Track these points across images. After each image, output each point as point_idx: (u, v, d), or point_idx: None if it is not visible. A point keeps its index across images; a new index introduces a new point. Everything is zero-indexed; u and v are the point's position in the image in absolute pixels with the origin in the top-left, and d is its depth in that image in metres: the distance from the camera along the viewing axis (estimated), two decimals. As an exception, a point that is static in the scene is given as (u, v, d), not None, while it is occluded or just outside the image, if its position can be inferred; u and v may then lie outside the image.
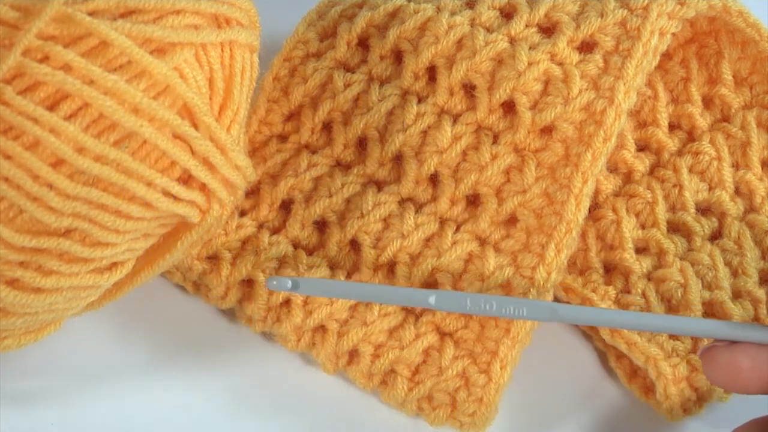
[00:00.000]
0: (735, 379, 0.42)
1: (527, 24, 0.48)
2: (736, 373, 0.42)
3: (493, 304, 0.44)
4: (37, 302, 0.42)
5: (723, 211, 0.50)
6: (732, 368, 0.42)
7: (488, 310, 0.44)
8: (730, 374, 0.42)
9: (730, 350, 0.42)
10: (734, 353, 0.42)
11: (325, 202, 0.49)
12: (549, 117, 0.47)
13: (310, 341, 0.48)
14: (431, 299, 0.44)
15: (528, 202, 0.48)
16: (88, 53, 0.40)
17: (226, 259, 0.49)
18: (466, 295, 0.44)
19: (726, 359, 0.42)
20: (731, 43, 0.52)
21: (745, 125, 0.52)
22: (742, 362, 0.42)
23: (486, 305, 0.44)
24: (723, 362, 0.42)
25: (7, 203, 0.40)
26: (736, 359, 0.42)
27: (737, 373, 0.42)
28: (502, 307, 0.44)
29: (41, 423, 0.47)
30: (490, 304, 0.44)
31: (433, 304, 0.44)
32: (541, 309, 0.44)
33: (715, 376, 0.42)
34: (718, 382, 0.43)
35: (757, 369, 0.41)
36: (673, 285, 0.48)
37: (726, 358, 0.42)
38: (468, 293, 0.45)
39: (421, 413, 0.48)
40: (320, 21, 0.53)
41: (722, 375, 0.42)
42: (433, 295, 0.44)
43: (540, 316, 0.44)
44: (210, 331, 0.51)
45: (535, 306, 0.44)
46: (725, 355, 0.42)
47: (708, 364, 0.42)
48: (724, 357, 0.42)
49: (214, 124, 0.43)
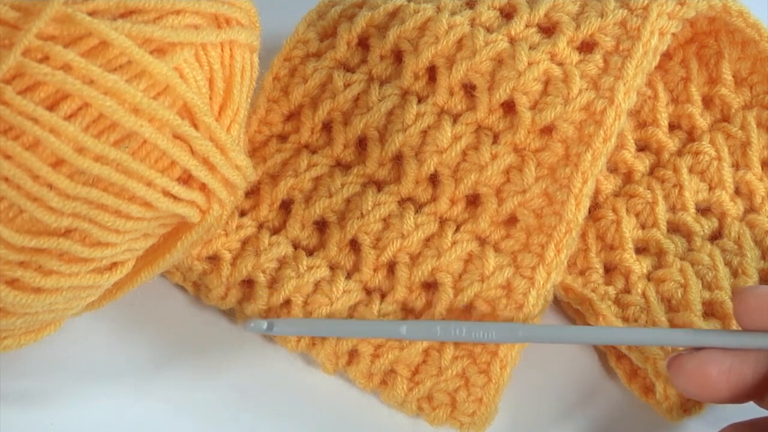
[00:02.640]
0: (705, 387, 0.42)
1: (527, 24, 0.48)
2: (706, 381, 0.41)
3: (462, 330, 0.45)
4: (37, 302, 0.42)
5: (723, 211, 0.50)
6: (701, 376, 0.41)
7: (458, 336, 0.45)
8: (700, 382, 0.42)
9: (697, 357, 0.42)
10: (701, 360, 0.42)
11: (325, 202, 0.49)
12: (549, 117, 0.47)
13: (310, 342, 0.48)
14: (402, 329, 0.46)
15: (528, 202, 0.48)
16: (88, 53, 0.40)
17: (226, 259, 0.49)
18: (435, 323, 0.46)
19: (694, 366, 0.42)
20: (731, 43, 0.52)
21: (745, 125, 0.52)
22: (711, 369, 0.41)
23: (456, 331, 0.45)
24: (691, 370, 0.42)
25: (7, 203, 0.40)
26: (704, 366, 0.41)
27: (706, 380, 0.41)
28: (471, 332, 0.45)
29: (41, 423, 0.47)
30: (460, 330, 0.45)
31: (405, 334, 0.46)
32: (509, 331, 0.45)
33: (685, 385, 0.42)
34: (689, 391, 0.42)
35: (725, 375, 0.41)
36: (673, 285, 0.48)
37: (694, 365, 0.42)
38: (437, 321, 0.46)
39: (421, 413, 0.48)
40: (320, 21, 0.53)
41: (692, 383, 0.42)
42: (403, 325, 0.46)
43: (508, 338, 0.45)
44: (210, 332, 0.51)
45: (503, 328, 0.45)
46: (692, 362, 0.42)
47: (676, 374, 0.42)
48: (692, 364, 0.42)
49: (214, 124, 0.43)
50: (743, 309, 0.42)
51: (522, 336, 0.45)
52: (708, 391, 0.42)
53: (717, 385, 0.41)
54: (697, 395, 0.43)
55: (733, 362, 0.41)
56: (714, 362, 0.41)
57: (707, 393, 0.42)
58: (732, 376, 0.41)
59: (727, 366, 0.41)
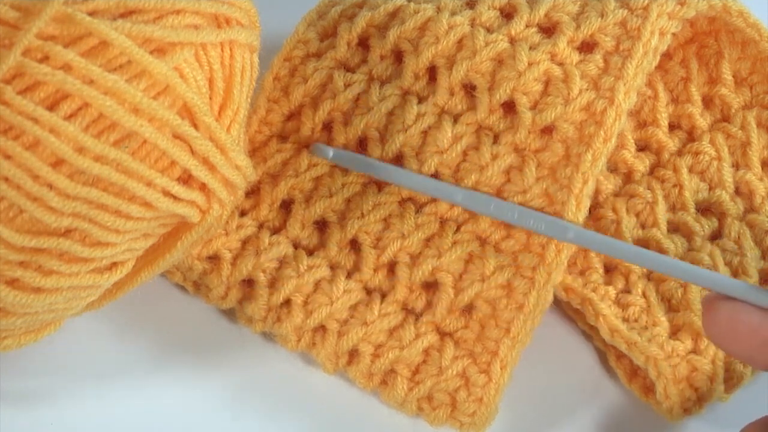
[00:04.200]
0: (729, 337, 0.41)
1: (527, 24, 0.48)
2: (732, 330, 0.40)
3: (515, 213, 0.46)
4: (37, 302, 0.42)
5: (723, 211, 0.50)
6: (729, 324, 0.40)
7: (510, 217, 0.46)
8: (726, 330, 0.41)
9: (729, 304, 0.41)
10: (733, 308, 0.41)
11: (325, 202, 0.49)
12: (549, 117, 0.47)
13: (311, 341, 0.48)
14: (458, 196, 0.47)
15: (529, 203, 0.48)
16: (88, 53, 0.40)
17: (227, 259, 0.49)
18: (491, 199, 0.47)
19: (725, 312, 0.41)
20: (731, 43, 0.52)
21: (745, 125, 0.52)
22: (740, 319, 0.40)
23: (509, 212, 0.46)
24: (722, 315, 0.41)
25: (7, 203, 0.40)
26: (734, 315, 0.40)
27: (733, 330, 0.40)
28: (522, 218, 0.46)
29: (41, 423, 0.47)
30: (512, 212, 0.46)
31: (460, 201, 0.47)
32: (559, 228, 0.46)
33: (711, 329, 0.41)
34: (714, 337, 0.41)
35: (752, 331, 0.40)
36: (673, 285, 0.48)
37: (725, 311, 0.41)
38: (494, 198, 0.47)
39: (421, 413, 0.48)
40: (320, 21, 0.53)
41: (718, 329, 0.41)
42: (460, 193, 0.47)
43: (557, 234, 0.46)
44: (210, 332, 0.51)
45: (554, 223, 0.46)
46: (725, 307, 0.41)
47: (707, 316, 0.41)
48: (724, 310, 0.41)
49: (214, 124, 0.43)
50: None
51: (571, 237, 0.45)
52: (732, 342, 0.41)
53: (742, 339, 0.40)
54: (721, 343, 0.41)
55: (762, 321, 0.40)
56: (745, 314, 0.40)
57: (731, 343, 0.41)
58: (760, 334, 0.40)
59: (756, 322, 0.40)
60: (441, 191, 0.48)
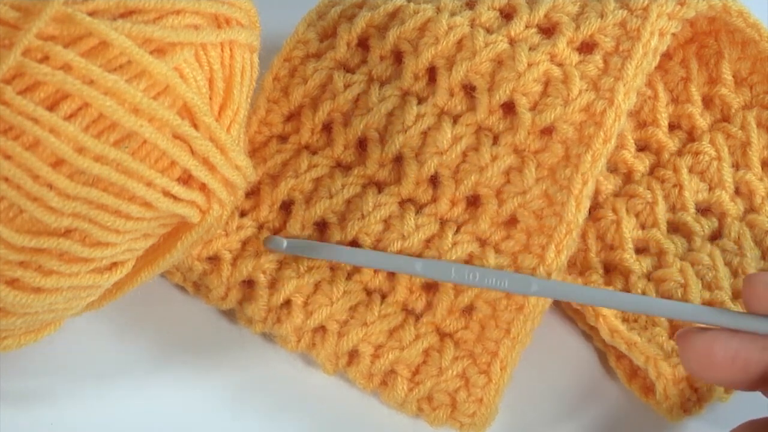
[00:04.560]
0: (709, 367, 0.41)
1: (527, 25, 0.48)
2: (710, 361, 0.41)
3: (476, 275, 0.45)
4: (37, 302, 0.42)
5: (723, 211, 0.50)
6: (706, 355, 0.41)
7: (471, 280, 0.46)
8: (704, 361, 0.41)
9: (705, 335, 0.41)
10: (709, 339, 0.41)
11: (325, 203, 0.49)
12: (549, 118, 0.47)
13: (311, 342, 0.48)
14: (417, 266, 0.46)
15: (528, 203, 0.48)
16: (88, 53, 0.40)
17: (227, 259, 0.49)
18: (451, 265, 0.46)
19: (701, 344, 0.41)
20: (731, 43, 0.52)
21: (745, 125, 0.52)
22: (716, 349, 0.41)
23: (470, 275, 0.46)
24: (698, 347, 0.41)
25: (7, 203, 0.40)
26: (710, 345, 0.41)
27: (711, 360, 0.41)
28: (484, 278, 0.45)
29: (41, 423, 0.47)
30: (474, 274, 0.46)
31: (419, 271, 0.46)
32: (522, 282, 0.45)
33: (689, 361, 0.42)
34: (693, 369, 0.42)
35: (730, 358, 0.41)
36: (673, 285, 0.48)
37: (701, 343, 0.41)
38: (453, 263, 0.47)
39: (421, 414, 0.48)
40: (320, 21, 0.53)
41: (696, 361, 0.41)
42: (419, 262, 0.46)
43: (520, 289, 0.45)
44: (210, 332, 0.51)
45: (516, 279, 0.45)
46: (700, 339, 0.41)
47: (683, 349, 0.42)
48: (699, 342, 0.41)
49: (214, 124, 0.43)
50: (752, 296, 0.41)
51: (535, 290, 0.45)
52: (711, 372, 0.41)
53: (721, 367, 0.41)
54: (701, 374, 0.42)
55: (740, 347, 0.41)
56: (721, 343, 0.41)
57: (710, 373, 0.41)
58: (737, 360, 0.41)
59: (733, 349, 0.41)
60: (400, 265, 0.47)
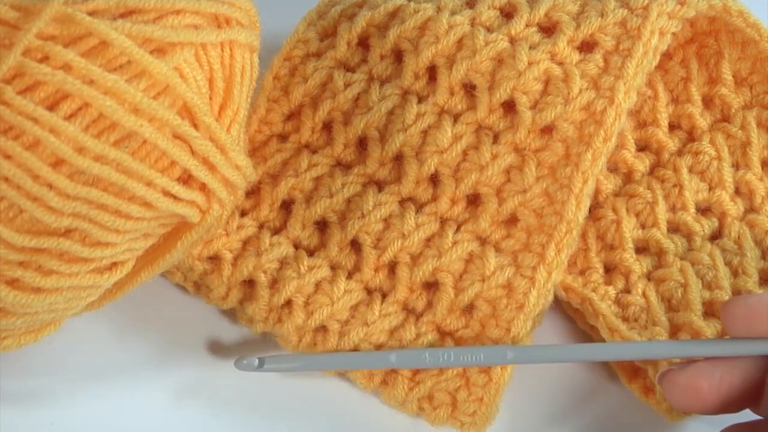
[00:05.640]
0: (697, 401, 0.42)
1: (527, 24, 0.48)
2: (697, 394, 0.42)
3: (450, 356, 0.45)
4: (37, 302, 0.42)
5: (723, 211, 0.50)
6: (692, 390, 0.42)
7: (446, 361, 0.46)
8: (692, 396, 0.42)
9: (687, 372, 0.42)
10: (691, 374, 0.42)
11: (325, 202, 0.49)
12: (549, 117, 0.47)
13: (312, 341, 0.48)
14: (392, 358, 0.46)
15: (528, 202, 0.48)
16: (88, 53, 0.40)
17: (227, 259, 0.49)
18: (424, 351, 0.46)
19: (684, 381, 0.42)
20: (731, 43, 0.52)
21: (745, 125, 0.52)
22: (701, 382, 0.42)
23: (443, 357, 0.46)
24: (682, 384, 0.42)
25: (7, 203, 0.40)
26: (695, 380, 0.42)
27: (698, 394, 0.42)
28: (459, 357, 0.45)
29: (41, 423, 0.47)
30: (448, 356, 0.45)
31: (394, 363, 0.46)
32: (497, 353, 0.45)
33: (677, 400, 0.42)
34: (682, 406, 0.43)
35: (715, 387, 0.41)
36: (674, 285, 0.48)
37: (684, 380, 0.42)
38: (426, 349, 0.47)
39: (422, 413, 0.48)
40: (320, 21, 0.53)
41: (684, 398, 0.42)
42: (393, 354, 0.46)
43: (496, 360, 0.45)
44: (210, 332, 0.50)
45: (491, 352, 0.45)
46: (683, 377, 0.42)
47: (667, 388, 0.42)
48: (683, 379, 0.42)
49: (214, 124, 0.43)
50: (731, 319, 0.42)
51: (511, 358, 0.45)
52: (700, 404, 0.42)
53: (709, 398, 0.42)
54: (690, 409, 0.43)
55: (723, 373, 0.42)
56: (704, 375, 0.42)
57: (700, 406, 0.42)
58: (723, 387, 0.42)
59: (717, 378, 0.42)
60: (372, 361, 0.47)
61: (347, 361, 0.47)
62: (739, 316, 0.42)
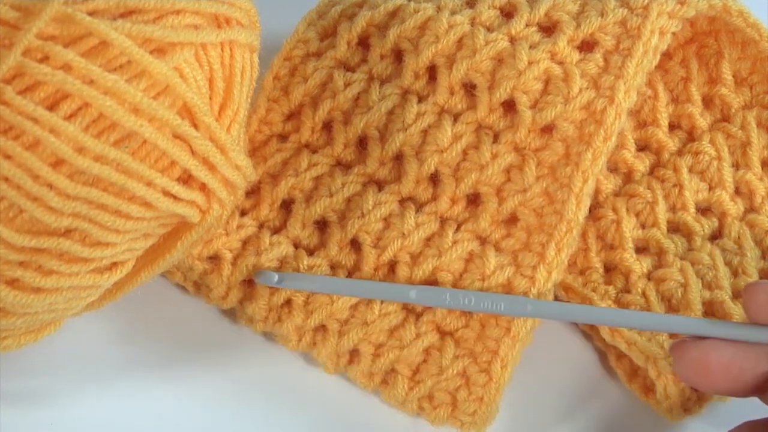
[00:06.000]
0: (703, 376, 0.42)
1: (527, 23, 0.48)
2: (705, 370, 0.41)
3: (471, 299, 0.46)
4: (37, 302, 0.42)
5: (723, 211, 0.50)
6: (701, 364, 0.42)
7: (467, 304, 0.46)
8: (699, 370, 0.42)
9: (699, 345, 0.42)
10: (703, 349, 0.42)
11: (325, 202, 0.49)
12: (549, 116, 0.47)
13: (311, 341, 0.48)
14: (412, 293, 0.46)
15: (528, 202, 0.48)
16: (88, 53, 0.40)
17: (227, 259, 0.49)
18: (445, 290, 0.46)
19: (695, 354, 0.42)
20: (731, 43, 0.52)
21: (745, 125, 0.52)
22: (711, 358, 0.41)
23: (464, 299, 0.46)
24: (692, 357, 0.42)
25: (7, 203, 0.40)
26: (705, 355, 0.41)
27: (706, 369, 0.41)
28: (480, 302, 0.46)
29: (41, 423, 0.47)
30: (469, 299, 0.46)
31: (414, 298, 0.46)
32: (518, 304, 0.45)
33: (684, 371, 0.42)
34: (688, 378, 0.43)
35: (725, 366, 0.41)
36: (674, 285, 0.48)
37: (695, 353, 0.42)
38: (447, 288, 0.47)
39: (422, 412, 0.48)
40: (320, 20, 0.53)
41: (691, 371, 0.42)
42: (413, 290, 0.46)
43: (516, 311, 0.45)
44: (210, 332, 0.50)
45: (512, 301, 0.45)
46: (695, 350, 0.42)
47: (678, 359, 0.42)
48: (694, 352, 0.42)
49: (214, 124, 0.43)
50: (752, 304, 0.42)
51: (531, 310, 0.45)
52: (706, 381, 0.42)
53: (715, 376, 0.41)
54: (696, 383, 0.43)
55: (734, 355, 0.41)
56: (715, 352, 0.41)
57: (705, 382, 0.42)
58: (732, 368, 0.41)
59: (727, 358, 0.41)
60: (393, 292, 0.47)
61: (366, 288, 0.47)
62: (761, 303, 0.42)
